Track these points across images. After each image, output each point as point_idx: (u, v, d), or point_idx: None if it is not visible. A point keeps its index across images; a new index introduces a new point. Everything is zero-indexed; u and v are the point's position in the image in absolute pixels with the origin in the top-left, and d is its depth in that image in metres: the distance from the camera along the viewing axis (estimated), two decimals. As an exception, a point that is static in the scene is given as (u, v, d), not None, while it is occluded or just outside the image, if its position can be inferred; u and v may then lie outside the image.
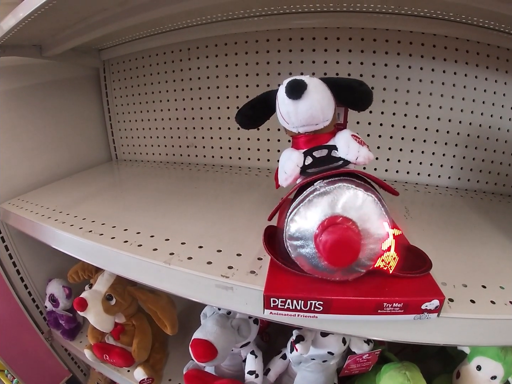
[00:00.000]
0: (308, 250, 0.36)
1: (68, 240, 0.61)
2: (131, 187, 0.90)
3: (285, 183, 0.41)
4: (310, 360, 0.63)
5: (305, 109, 0.37)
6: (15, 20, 0.60)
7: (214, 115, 1.01)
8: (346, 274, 0.37)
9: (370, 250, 0.35)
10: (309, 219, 0.35)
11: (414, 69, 0.79)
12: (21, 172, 0.91)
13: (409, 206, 0.70)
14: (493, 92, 0.77)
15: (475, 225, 0.63)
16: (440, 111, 0.80)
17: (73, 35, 0.77)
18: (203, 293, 0.47)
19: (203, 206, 0.71)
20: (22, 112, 0.91)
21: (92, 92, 1.16)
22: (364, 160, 0.38)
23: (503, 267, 0.48)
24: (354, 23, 0.78)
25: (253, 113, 0.46)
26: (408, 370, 0.56)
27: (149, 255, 0.51)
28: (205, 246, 0.53)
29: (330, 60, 0.84)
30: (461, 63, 0.76)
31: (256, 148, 1.00)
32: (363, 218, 0.34)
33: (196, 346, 0.58)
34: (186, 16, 0.83)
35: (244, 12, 0.79)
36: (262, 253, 0.49)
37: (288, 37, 0.85)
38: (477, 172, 0.83)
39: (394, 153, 0.86)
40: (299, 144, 0.41)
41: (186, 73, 1.01)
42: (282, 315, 0.39)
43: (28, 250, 0.92)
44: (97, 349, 0.78)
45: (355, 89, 0.41)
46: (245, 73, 0.93)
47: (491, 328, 0.39)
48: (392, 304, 0.36)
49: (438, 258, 0.47)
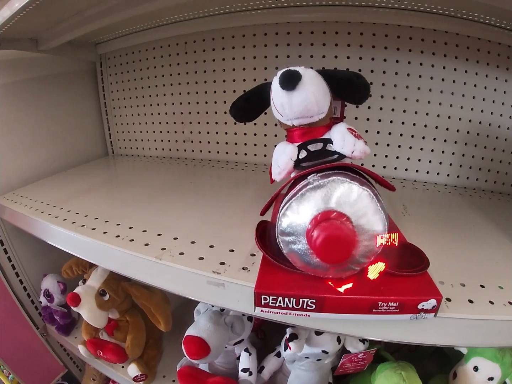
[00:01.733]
0: (300, 246, 0.35)
1: (60, 234, 0.61)
2: (126, 182, 0.90)
3: (278, 177, 0.40)
4: (304, 359, 0.62)
5: (300, 101, 0.36)
6: (10, 12, 0.59)
7: (210, 109, 1.01)
8: (339, 272, 0.36)
9: (364, 247, 0.34)
10: (301, 213, 0.34)
11: (413, 65, 0.78)
12: (17, 167, 0.90)
13: (407, 203, 0.69)
14: (494, 89, 0.76)
15: (473, 223, 0.62)
16: (440, 107, 0.79)
17: (69, 28, 0.76)
18: (194, 290, 0.46)
19: (198, 201, 0.70)
20: (18, 106, 0.90)
21: (89, 86, 1.15)
22: (360, 154, 0.37)
23: (502, 266, 0.47)
24: (353, 18, 0.77)
25: (247, 106, 0.45)
26: (404, 370, 0.55)
27: (141, 250, 0.50)
28: (198, 242, 0.52)
29: (328, 55, 0.83)
30: (461, 59, 0.76)
31: (253, 143, 0.99)
32: (358, 214, 0.33)
33: (189, 343, 0.57)
34: (183, 9, 0.82)
35: (242, 6, 0.78)
36: (255, 249, 0.49)
37: (286, 31, 0.84)
38: (476, 170, 0.83)
39: (392, 149, 0.86)
40: (294, 137, 0.41)
41: (183, 67, 1.00)
42: (273, 313, 0.38)
43: (23, 245, 0.92)
44: (90, 345, 0.77)
45: (352, 81, 0.40)
46: (242, 67, 0.92)
47: (489, 329, 0.38)
48: (387, 303, 0.35)
49: (436, 257, 0.45)
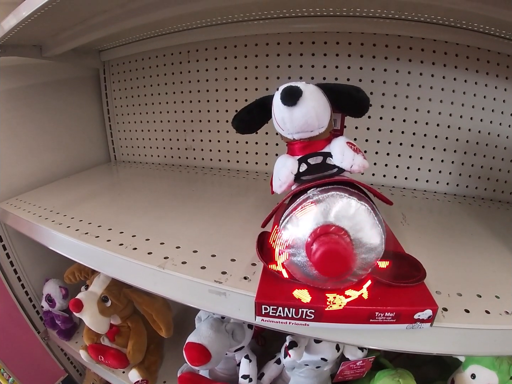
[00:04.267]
0: (300, 258, 0.35)
1: (64, 241, 0.61)
2: (128, 189, 0.90)
3: (279, 190, 0.41)
4: (304, 366, 0.63)
5: (300, 116, 0.37)
6: (16, 20, 0.60)
7: (212, 117, 1.01)
8: (338, 284, 0.37)
9: (362, 260, 0.34)
10: (301, 227, 0.35)
11: (413, 75, 0.79)
12: (20, 172, 0.91)
13: (406, 212, 0.70)
14: (493, 98, 0.76)
15: (472, 232, 0.62)
16: (439, 117, 0.80)
17: (74, 36, 0.78)
18: (196, 298, 0.47)
19: (199, 210, 0.71)
20: (21, 112, 0.91)
21: (92, 93, 1.16)
22: (359, 168, 0.38)
23: (499, 276, 0.47)
24: (353, 28, 0.78)
25: (250, 118, 0.46)
26: (402, 377, 0.56)
27: (144, 259, 0.51)
28: (200, 251, 0.53)
29: (329, 64, 0.84)
30: (461, 68, 0.76)
31: (254, 152, 0.99)
32: (356, 228, 0.33)
33: (190, 349, 0.58)
34: (186, 18, 0.84)
35: (244, 16, 0.80)
36: (256, 259, 0.49)
37: (288, 41, 0.85)
38: (476, 178, 0.83)
39: (392, 158, 0.86)
40: (294, 150, 0.41)
41: (185, 76, 1.01)
42: (273, 322, 0.39)
43: (26, 250, 0.92)
44: (92, 350, 0.78)
45: (352, 95, 0.40)
46: (244, 77, 0.93)
47: (485, 338, 0.38)
48: (384, 313, 0.36)
49: (434, 266, 0.46)
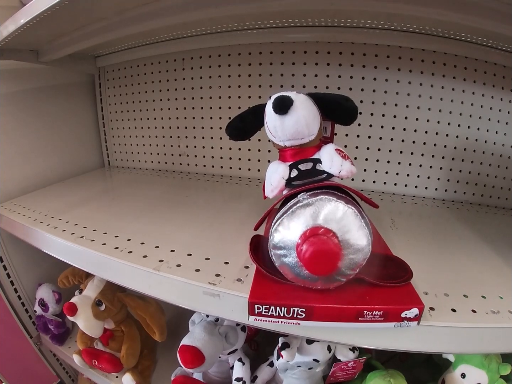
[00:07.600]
0: (291, 259, 0.37)
1: (59, 245, 0.62)
2: (123, 194, 0.91)
3: (271, 195, 0.42)
4: (296, 367, 0.63)
5: (291, 124, 0.39)
6: (14, 26, 0.61)
7: (206, 124, 1.03)
8: (327, 283, 0.38)
9: (349, 260, 0.36)
10: (292, 229, 0.36)
11: (402, 84, 0.81)
12: (14, 176, 0.91)
13: (395, 217, 0.72)
14: (480, 105, 0.79)
15: (460, 236, 0.64)
16: (428, 124, 0.82)
17: (70, 42, 0.78)
18: (191, 300, 0.48)
19: (193, 214, 0.72)
20: (16, 116, 0.91)
21: (87, 98, 1.17)
22: (347, 173, 0.39)
23: (486, 276, 0.49)
24: (344, 38, 0.80)
25: (243, 125, 0.47)
26: (393, 377, 0.57)
27: (139, 262, 0.52)
28: (194, 254, 0.54)
29: (320, 73, 0.86)
30: (449, 77, 0.79)
31: (247, 158, 1.01)
32: (343, 229, 0.35)
33: (184, 352, 0.59)
34: (181, 27, 0.85)
35: (238, 25, 0.81)
36: (249, 262, 0.51)
37: (280, 50, 0.87)
38: (464, 184, 0.85)
39: (382, 165, 0.88)
40: (286, 157, 0.43)
41: (180, 83, 1.03)
42: (266, 322, 0.40)
43: (19, 253, 0.92)
44: (86, 354, 0.78)
45: (341, 104, 0.43)
46: (238, 85, 0.95)
47: (471, 337, 0.40)
48: (372, 312, 0.37)
49: (421, 269, 0.48)
